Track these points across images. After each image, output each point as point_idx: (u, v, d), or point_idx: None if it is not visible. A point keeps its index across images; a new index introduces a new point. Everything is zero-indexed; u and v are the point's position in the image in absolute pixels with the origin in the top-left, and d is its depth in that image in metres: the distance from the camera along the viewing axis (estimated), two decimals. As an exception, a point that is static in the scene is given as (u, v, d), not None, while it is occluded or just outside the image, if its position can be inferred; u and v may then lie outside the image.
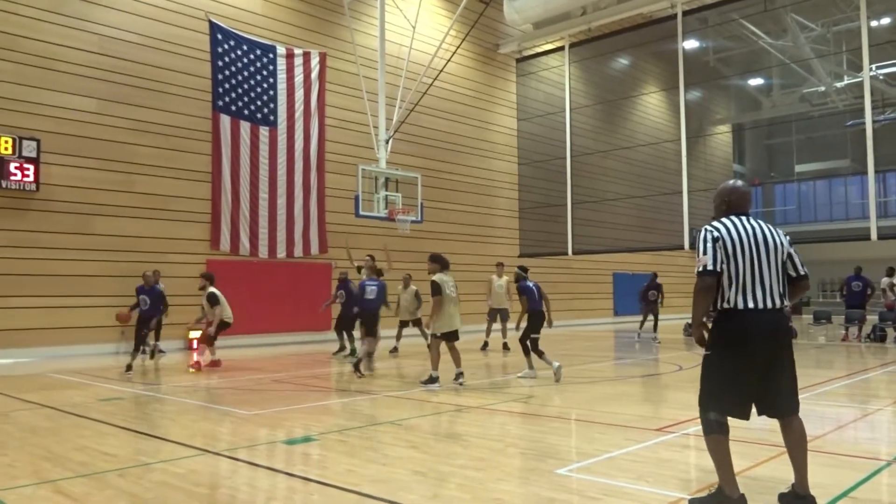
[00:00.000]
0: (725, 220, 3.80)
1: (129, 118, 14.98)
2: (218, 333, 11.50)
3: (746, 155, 38.06)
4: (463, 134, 21.93)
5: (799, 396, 3.76)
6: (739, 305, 3.64)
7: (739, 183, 3.98)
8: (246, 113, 16.89)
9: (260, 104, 17.20)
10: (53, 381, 9.98)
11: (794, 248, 3.83)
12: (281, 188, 17.39)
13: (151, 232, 15.15)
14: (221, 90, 16.46)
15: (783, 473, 4.11)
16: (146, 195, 15.14)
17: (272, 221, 17.20)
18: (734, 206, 3.87)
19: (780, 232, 3.82)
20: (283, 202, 17.41)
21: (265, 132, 17.23)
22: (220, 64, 16.47)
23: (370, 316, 10.58)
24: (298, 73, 17.95)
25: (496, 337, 14.78)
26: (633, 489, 4.20)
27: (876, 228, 15.54)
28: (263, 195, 17.08)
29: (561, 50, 21.36)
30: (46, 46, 13.93)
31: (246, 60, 16.97)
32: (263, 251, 17.03)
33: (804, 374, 10.33)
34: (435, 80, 17.52)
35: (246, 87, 16.93)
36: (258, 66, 17.20)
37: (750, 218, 3.81)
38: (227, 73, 16.58)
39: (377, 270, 11.26)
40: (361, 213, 15.14)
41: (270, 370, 11.26)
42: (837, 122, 30.06)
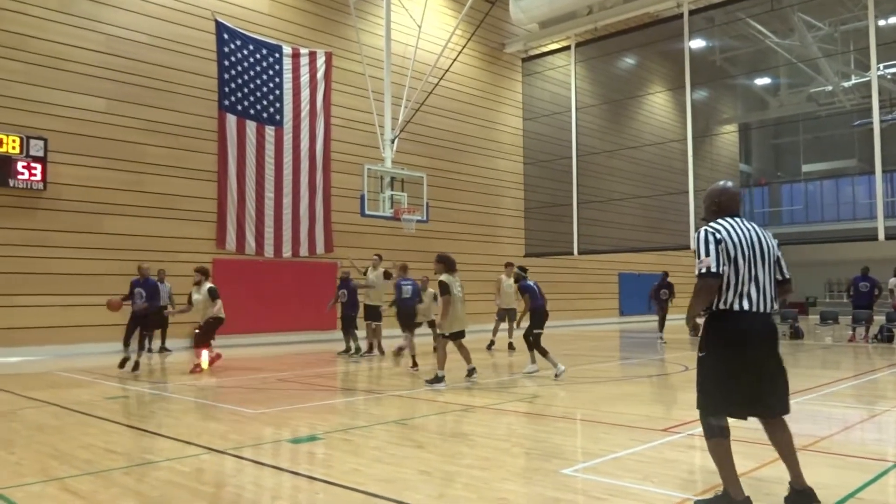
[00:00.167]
0: (724, 221, 3.80)
1: (136, 118, 15.04)
2: (214, 332, 11.13)
3: (753, 155, 37.93)
4: (469, 133, 21.93)
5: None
6: (736, 307, 3.66)
7: (730, 184, 3.99)
8: (252, 112, 16.92)
9: (266, 104, 17.23)
10: (61, 379, 10.03)
11: (780, 251, 3.89)
12: (287, 188, 17.42)
13: (158, 231, 15.20)
14: (228, 90, 16.50)
15: (788, 474, 4.09)
16: (153, 194, 15.20)
17: (278, 221, 17.23)
18: (725, 207, 3.88)
19: (769, 234, 3.87)
20: (288, 202, 17.44)
21: (271, 132, 17.26)
22: (226, 63, 16.50)
23: (407, 313, 11.32)
24: (304, 72, 17.97)
25: (502, 336, 14.78)
26: (638, 489, 4.20)
27: (883, 228, 15.49)
28: (269, 194, 17.11)
29: (567, 49, 21.34)
30: (54, 46, 14.00)
31: (252, 60, 17.01)
32: (269, 250, 17.06)
33: (811, 374, 10.35)
34: (441, 79, 17.53)
35: (252, 86, 16.96)
36: (264, 65, 17.23)
37: (744, 220, 3.83)
38: (233, 72, 16.62)
39: (404, 268, 12.05)
40: (367, 212, 15.20)
41: (275, 369, 11.28)
42: (845, 121, 29.94)
